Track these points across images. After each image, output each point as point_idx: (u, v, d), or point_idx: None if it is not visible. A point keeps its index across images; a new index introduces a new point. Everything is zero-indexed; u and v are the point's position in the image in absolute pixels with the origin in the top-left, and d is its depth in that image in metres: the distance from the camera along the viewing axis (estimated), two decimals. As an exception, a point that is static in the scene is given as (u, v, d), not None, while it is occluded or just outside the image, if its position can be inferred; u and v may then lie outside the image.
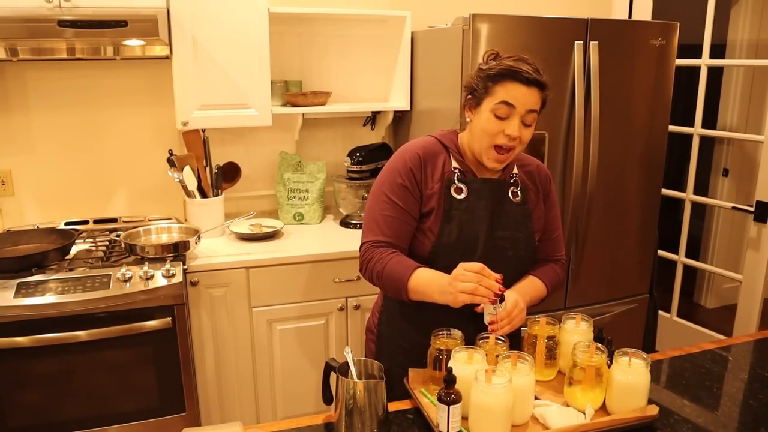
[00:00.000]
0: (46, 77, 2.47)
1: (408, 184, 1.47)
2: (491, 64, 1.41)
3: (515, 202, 1.52)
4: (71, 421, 2.06)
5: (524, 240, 1.52)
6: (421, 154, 1.48)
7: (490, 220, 1.48)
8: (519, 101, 1.38)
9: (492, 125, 1.40)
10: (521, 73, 1.37)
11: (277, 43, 2.66)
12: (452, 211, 1.46)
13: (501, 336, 1.36)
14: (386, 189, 1.48)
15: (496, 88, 1.39)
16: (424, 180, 1.48)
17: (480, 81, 1.42)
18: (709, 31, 3.00)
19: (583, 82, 2.35)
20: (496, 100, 1.38)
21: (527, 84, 1.37)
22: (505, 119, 1.39)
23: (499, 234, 1.49)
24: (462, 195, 1.47)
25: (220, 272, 2.25)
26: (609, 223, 2.58)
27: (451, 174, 1.48)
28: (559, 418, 1.24)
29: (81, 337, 1.98)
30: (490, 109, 1.40)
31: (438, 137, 1.53)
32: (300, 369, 2.45)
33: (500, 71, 1.38)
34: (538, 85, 1.39)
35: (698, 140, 3.17)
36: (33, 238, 2.29)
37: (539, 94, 1.40)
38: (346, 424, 1.19)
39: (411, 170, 1.47)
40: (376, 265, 1.45)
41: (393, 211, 1.46)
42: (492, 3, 2.93)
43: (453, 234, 1.45)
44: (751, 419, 1.30)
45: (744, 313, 2.97)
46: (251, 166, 2.80)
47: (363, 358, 1.28)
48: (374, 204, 1.49)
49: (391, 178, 1.48)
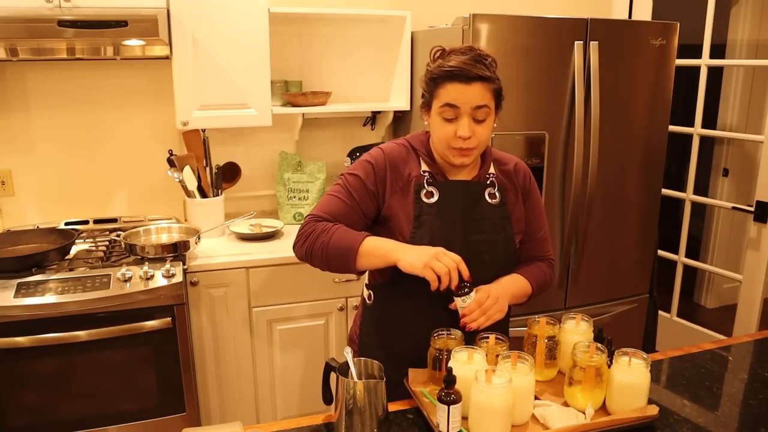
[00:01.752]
0: (46, 77, 2.47)
1: (365, 180, 1.44)
2: (434, 66, 1.38)
3: (492, 203, 1.47)
4: (71, 421, 2.06)
5: (502, 243, 1.47)
6: (388, 157, 1.46)
7: (464, 223, 1.44)
8: (461, 101, 1.33)
9: (443, 128, 1.37)
10: (458, 72, 1.32)
11: (277, 43, 2.66)
12: (423, 216, 1.42)
13: (500, 335, 1.37)
14: (344, 176, 1.47)
15: (439, 91, 1.36)
16: (388, 180, 1.44)
17: (425, 84, 1.40)
18: (709, 31, 3.00)
19: (583, 82, 2.35)
20: (440, 104, 1.36)
21: (467, 81, 1.32)
22: (453, 120, 1.36)
23: (475, 238, 1.44)
24: (433, 199, 1.43)
25: (220, 272, 2.25)
26: (609, 223, 2.58)
27: (421, 178, 1.45)
28: (559, 418, 1.24)
29: (81, 337, 1.98)
30: (437, 113, 1.37)
31: (409, 140, 1.50)
32: (300, 369, 2.45)
33: (439, 73, 1.35)
34: (481, 79, 1.33)
35: (698, 140, 3.17)
36: (33, 238, 2.29)
37: (485, 88, 1.34)
38: (346, 424, 1.19)
39: (373, 169, 1.44)
40: (320, 236, 1.40)
41: (345, 196, 1.45)
42: (492, 3, 2.93)
43: (424, 239, 1.41)
44: (751, 419, 1.30)
45: (744, 313, 2.97)
46: (251, 166, 2.80)
47: (363, 358, 1.28)
48: (333, 186, 1.49)
49: (352, 170, 1.47)
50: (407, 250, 1.34)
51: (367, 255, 1.37)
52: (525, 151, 2.35)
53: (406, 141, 1.51)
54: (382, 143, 1.55)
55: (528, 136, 2.34)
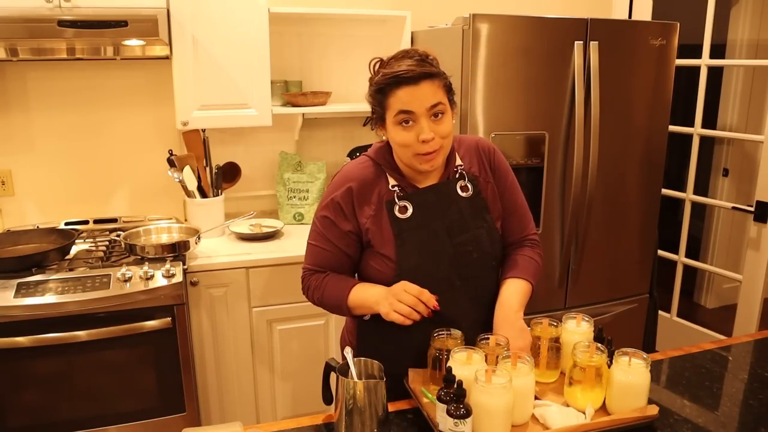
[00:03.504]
0: (46, 77, 2.47)
1: (335, 219, 1.42)
2: (377, 77, 1.34)
3: (466, 197, 1.44)
4: (71, 421, 2.06)
5: (486, 234, 1.45)
6: (354, 186, 1.41)
7: (446, 228, 1.42)
8: (414, 104, 1.29)
9: (404, 136, 1.32)
10: (403, 75, 1.28)
11: (277, 43, 2.66)
12: (402, 234, 1.39)
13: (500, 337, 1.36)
14: (318, 220, 1.46)
15: (390, 100, 1.31)
16: (358, 213, 1.41)
17: (373, 99, 1.36)
18: (709, 31, 3.00)
19: (583, 82, 2.35)
20: (394, 112, 1.31)
21: (415, 82, 1.28)
22: (412, 126, 1.31)
23: (460, 239, 1.42)
24: (408, 213, 1.40)
25: (220, 272, 2.25)
26: (609, 223, 2.58)
27: (390, 194, 1.41)
28: (559, 418, 1.24)
29: (81, 337, 1.98)
30: (393, 123, 1.33)
31: (372, 157, 1.46)
32: (300, 369, 2.45)
33: (384, 81, 1.31)
34: (428, 76, 1.29)
35: (698, 140, 3.17)
36: (33, 238, 2.29)
37: (434, 85, 1.30)
38: (346, 424, 1.19)
39: (340, 205, 1.41)
40: (315, 292, 1.48)
41: (322, 242, 1.45)
42: (492, 3, 2.93)
43: (411, 258, 1.40)
44: (751, 419, 1.30)
45: (744, 313, 2.97)
46: (251, 166, 2.80)
47: (363, 358, 1.28)
48: (311, 232, 1.49)
49: (323, 211, 1.44)
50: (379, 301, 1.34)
51: (357, 308, 1.42)
52: (525, 151, 2.35)
53: (369, 158, 1.46)
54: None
55: (528, 136, 2.34)
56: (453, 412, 1.13)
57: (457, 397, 1.14)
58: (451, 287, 1.44)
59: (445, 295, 1.40)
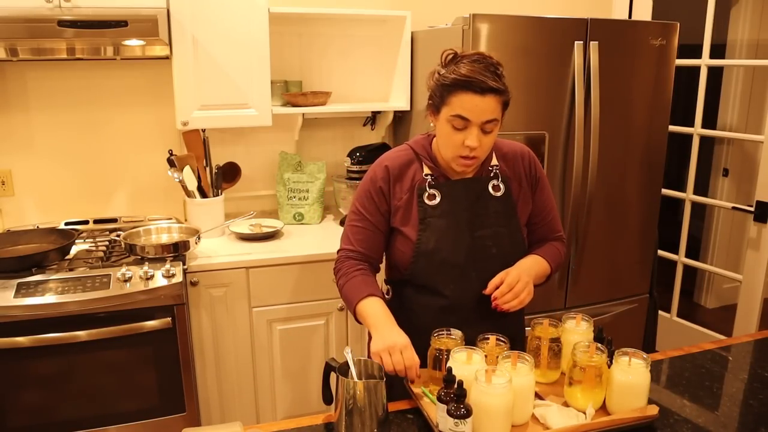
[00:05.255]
0: (46, 77, 2.47)
1: (376, 198, 1.50)
2: (446, 71, 1.37)
3: (497, 196, 1.50)
4: (71, 421, 2.06)
5: (509, 235, 1.50)
6: (390, 166, 1.50)
7: (468, 220, 1.48)
8: (474, 114, 1.33)
9: (451, 137, 1.38)
10: (475, 83, 1.31)
11: (277, 43, 2.66)
12: (427, 219, 1.47)
13: (502, 338, 1.37)
14: (357, 201, 1.53)
15: (451, 99, 1.35)
16: (393, 193, 1.50)
17: (436, 89, 1.39)
18: (709, 31, 3.00)
19: (583, 82, 2.35)
20: (451, 112, 1.35)
21: (482, 93, 1.32)
22: (462, 130, 1.36)
23: (480, 233, 1.48)
24: (435, 201, 1.47)
25: (220, 272, 2.25)
26: (609, 223, 2.58)
27: (423, 182, 1.48)
28: (559, 418, 1.24)
29: (81, 337, 1.98)
30: (447, 120, 1.37)
31: (411, 145, 1.54)
32: (300, 369, 2.45)
33: (454, 81, 1.33)
34: (495, 92, 1.33)
35: (698, 140, 3.17)
36: (33, 238, 2.29)
37: (497, 101, 1.34)
38: (346, 424, 1.19)
39: (380, 186, 1.50)
40: (341, 279, 1.52)
41: (362, 222, 1.51)
42: (492, 3, 2.93)
43: (430, 242, 1.46)
44: (751, 419, 1.30)
45: (744, 313, 2.97)
46: (251, 166, 2.80)
47: (363, 358, 1.28)
48: (349, 214, 1.55)
49: (361, 191, 1.53)
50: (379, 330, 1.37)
51: (360, 317, 1.46)
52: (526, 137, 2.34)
53: (409, 147, 1.54)
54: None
55: (528, 136, 2.34)
56: (453, 412, 1.13)
57: (457, 397, 1.14)
58: (464, 276, 1.48)
59: (457, 284, 1.47)
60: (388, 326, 1.38)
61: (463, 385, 1.14)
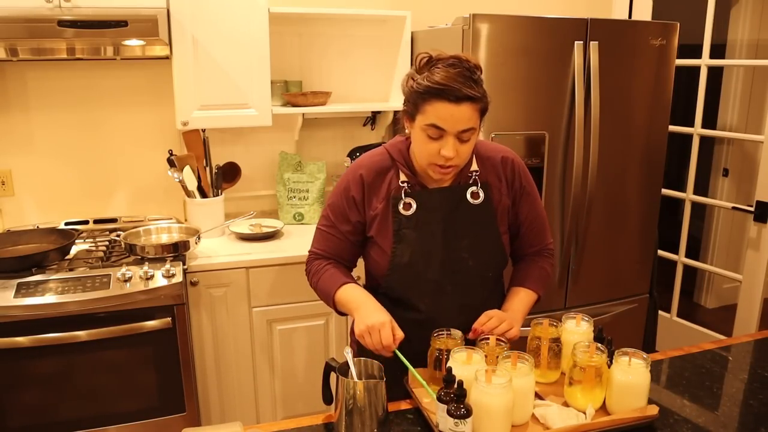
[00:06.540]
0: (46, 77, 2.47)
1: (347, 208, 1.45)
2: (420, 77, 1.29)
3: (475, 204, 1.43)
4: (71, 421, 2.06)
5: (488, 243, 1.45)
6: (365, 175, 1.44)
7: (444, 231, 1.42)
8: (449, 123, 1.27)
9: (426, 146, 1.32)
10: (449, 91, 1.24)
11: (277, 43, 2.66)
12: (402, 231, 1.41)
13: (501, 338, 1.37)
14: (329, 206, 1.50)
15: (425, 107, 1.28)
16: (368, 202, 1.44)
17: (410, 96, 1.32)
18: (709, 31, 3.00)
19: (583, 82, 2.35)
20: (426, 121, 1.29)
21: (457, 102, 1.25)
22: (438, 139, 1.30)
23: (457, 244, 1.43)
24: (411, 211, 1.41)
25: (220, 272, 2.25)
26: (609, 223, 2.58)
27: (398, 190, 1.42)
28: (559, 418, 1.24)
29: (81, 337, 1.98)
30: (422, 129, 1.31)
31: (388, 149, 1.46)
32: (300, 369, 2.45)
33: (427, 89, 1.26)
34: (471, 100, 1.26)
35: (698, 140, 3.17)
36: (33, 238, 2.29)
37: (473, 109, 1.27)
38: (346, 424, 1.19)
39: (352, 195, 1.45)
40: (313, 277, 1.51)
41: (330, 229, 1.49)
42: (492, 3, 2.93)
43: (405, 255, 1.42)
44: (751, 419, 1.30)
45: (744, 313, 2.97)
46: (251, 166, 2.80)
47: (363, 358, 1.28)
48: (321, 217, 1.53)
49: (334, 198, 1.48)
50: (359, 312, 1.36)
51: (341, 306, 1.45)
52: (525, 151, 2.35)
53: (386, 151, 1.47)
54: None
55: (528, 136, 2.34)
56: (453, 412, 1.13)
57: (457, 397, 1.14)
58: (440, 291, 1.45)
59: (432, 298, 1.44)
60: (367, 306, 1.37)
61: (463, 385, 1.14)
